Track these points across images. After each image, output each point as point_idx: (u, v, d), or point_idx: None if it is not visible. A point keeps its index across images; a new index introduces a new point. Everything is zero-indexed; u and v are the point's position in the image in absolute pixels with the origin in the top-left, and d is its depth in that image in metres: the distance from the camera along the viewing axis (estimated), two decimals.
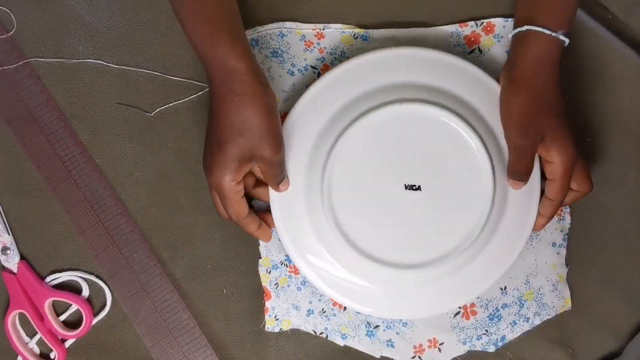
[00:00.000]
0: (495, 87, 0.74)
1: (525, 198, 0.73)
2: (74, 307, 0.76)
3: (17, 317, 0.76)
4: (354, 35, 0.77)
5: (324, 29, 0.77)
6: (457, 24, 0.77)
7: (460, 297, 0.74)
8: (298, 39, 0.77)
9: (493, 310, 0.75)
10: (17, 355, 0.76)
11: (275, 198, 0.74)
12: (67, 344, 0.76)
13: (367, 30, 0.77)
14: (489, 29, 0.77)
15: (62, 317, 0.76)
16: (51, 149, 0.78)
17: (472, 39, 0.77)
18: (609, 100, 0.77)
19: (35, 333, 0.76)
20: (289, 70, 0.77)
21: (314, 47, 0.77)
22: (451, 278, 0.73)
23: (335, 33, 0.77)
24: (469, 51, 0.77)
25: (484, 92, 0.74)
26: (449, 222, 0.72)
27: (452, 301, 0.74)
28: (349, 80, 0.74)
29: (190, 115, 0.78)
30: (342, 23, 0.78)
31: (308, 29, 0.77)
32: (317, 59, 0.77)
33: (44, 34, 0.79)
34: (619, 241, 0.76)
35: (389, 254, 0.72)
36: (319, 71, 0.77)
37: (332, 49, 0.77)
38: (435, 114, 0.72)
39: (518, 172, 0.71)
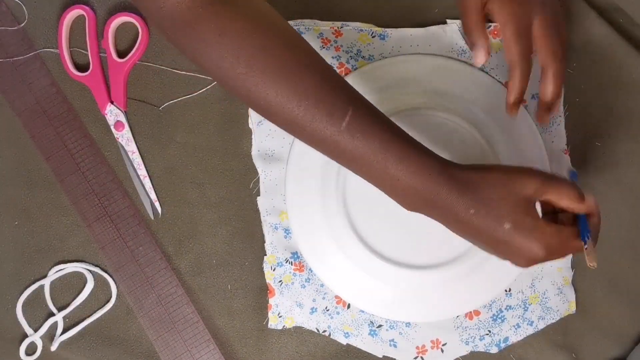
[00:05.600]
0: (504, 93, 0.76)
1: None
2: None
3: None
4: (372, 34, 0.77)
5: (342, 27, 0.78)
6: None
7: (474, 300, 0.74)
8: (315, 37, 0.78)
9: (497, 312, 0.75)
10: (22, 340, 0.76)
11: (291, 199, 0.75)
12: (70, 333, 0.76)
13: (385, 29, 0.77)
14: (496, 32, 0.77)
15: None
16: (60, 141, 0.78)
17: None
18: (619, 104, 0.77)
19: (42, 325, 0.76)
20: None
21: (331, 45, 0.78)
22: (464, 281, 0.74)
23: (353, 31, 0.78)
24: None
25: (494, 98, 0.76)
26: None
27: (465, 304, 0.74)
28: (365, 85, 0.75)
29: (199, 110, 0.78)
30: (358, 21, 0.78)
31: (326, 27, 0.78)
32: (332, 57, 0.77)
33: (55, 26, 0.79)
34: (625, 247, 0.76)
35: (402, 254, 0.73)
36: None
37: (348, 47, 0.78)
38: (447, 118, 0.73)
39: (465, 31, 0.68)
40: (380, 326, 0.75)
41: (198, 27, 0.58)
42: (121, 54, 0.79)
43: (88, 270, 0.77)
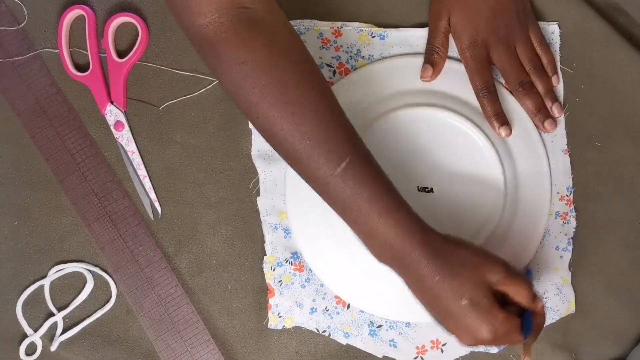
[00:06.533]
0: (502, 91, 0.76)
1: (536, 198, 0.74)
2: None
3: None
4: (372, 34, 0.77)
5: (341, 27, 0.78)
6: None
7: None
8: (315, 37, 0.78)
9: None
10: (23, 340, 0.76)
11: (290, 199, 0.75)
12: (70, 333, 0.76)
13: (385, 29, 0.78)
14: None
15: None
16: (60, 142, 0.78)
17: None
18: (619, 104, 0.77)
19: (41, 326, 0.76)
20: None
21: (331, 45, 0.78)
22: None
23: (353, 31, 0.78)
24: None
25: None
26: (462, 224, 0.73)
27: None
28: (365, 85, 0.76)
29: (199, 110, 0.78)
30: (358, 21, 0.78)
31: (326, 27, 0.78)
32: (332, 57, 0.78)
33: (55, 26, 0.79)
34: (625, 247, 0.76)
35: None
36: (334, 69, 0.77)
37: (348, 47, 0.78)
38: (447, 118, 0.74)
39: (426, 48, 0.77)
40: (380, 326, 0.75)
41: (221, 51, 0.61)
42: (121, 54, 0.79)
43: (88, 270, 0.77)
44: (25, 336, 0.76)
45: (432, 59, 0.76)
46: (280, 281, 0.76)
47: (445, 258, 0.62)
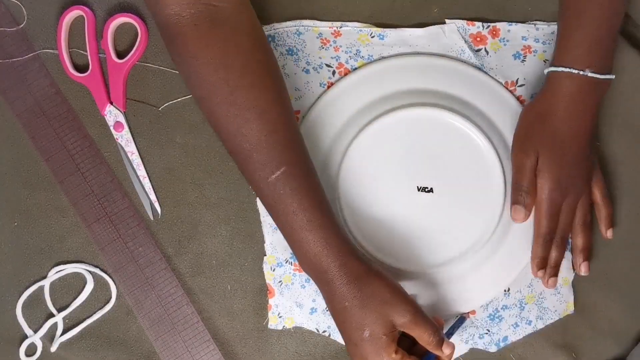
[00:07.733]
0: (502, 92, 0.76)
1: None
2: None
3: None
4: (371, 34, 0.77)
5: (341, 27, 0.78)
6: (465, 21, 0.77)
7: (474, 299, 0.74)
8: (315, 37, 0.78)
9: (493, 311, 0.75)
10: (23, 341, 0.76)
11: None
12: (70, 334, 0.76)
13: (384, 29, 0.78)
14: (494, 32, 0.77)
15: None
16: (59, 142, 0.78)
17: (479, 39, 0.77)
18: (619, 104, 0.77)
19: (41, 326, 0.76)
20: (304, 68, 0.77)
21: (330, 45, 0.78)
22: (462, 281, 0.74)
23: (352, 31, 0.78)
24: (476, 49, 0.77)
25: (492, 98, 0.76)
26: (461, 224, 0.73)
27: (465, 303, 0.75)
28: (365, 85, 0.76)
29: (198, 110, 0.78)
30: (357, 21, 0.78)
31: (325, 27, 0.78)
32: (332, 57, 0.78)
33: (54, 27, 0.79)
34: (625, 247, 0.76)
35: (402, 255, 0.73)
36: (333, 69, 0.77)
37: (347, 48, 0.78)
38: (446, 118, 0.74)
39: (513, 186, 0.72)
40: None
41: (177, 42, 0.64)
42: (120, 55, 0.79)
43: (88, 271, 0.77)
44: (25, 337, 0.76)
45: (523, 200, 0.72)
46: (280, 281, 0.76)
47: (359, 286, 0.64)
